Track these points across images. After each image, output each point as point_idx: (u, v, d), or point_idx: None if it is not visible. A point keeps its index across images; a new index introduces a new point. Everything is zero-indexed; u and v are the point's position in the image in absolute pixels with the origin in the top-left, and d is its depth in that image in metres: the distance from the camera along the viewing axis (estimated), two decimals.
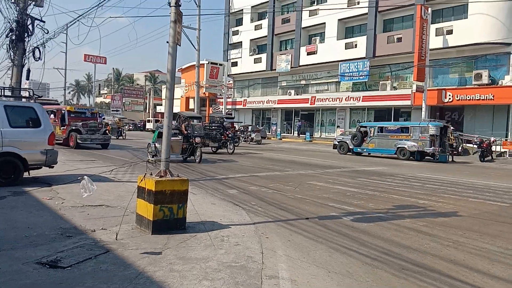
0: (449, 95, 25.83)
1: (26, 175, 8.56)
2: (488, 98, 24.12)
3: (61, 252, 4.29)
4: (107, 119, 36.21)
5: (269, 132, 39.54)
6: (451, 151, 20.62)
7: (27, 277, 3.64)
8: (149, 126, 49.37)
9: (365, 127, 22.29)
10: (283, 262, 4.39)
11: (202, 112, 43.45)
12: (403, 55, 28.48)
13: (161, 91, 66.10)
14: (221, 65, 40.48)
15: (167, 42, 5.56)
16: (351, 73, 31.46)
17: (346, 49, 32.63)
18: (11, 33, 12.19)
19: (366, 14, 30.97)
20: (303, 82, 37.55)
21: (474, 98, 24.81)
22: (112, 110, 58.78)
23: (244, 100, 42.35)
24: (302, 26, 36.43)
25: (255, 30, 41.52)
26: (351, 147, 22.29)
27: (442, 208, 7.82)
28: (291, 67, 36.65)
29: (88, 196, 5.49)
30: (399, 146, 20.09)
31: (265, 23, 40.52)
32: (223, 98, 41.90)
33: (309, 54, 35.58)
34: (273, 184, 10.27)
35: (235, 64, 43.51)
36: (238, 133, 28.74)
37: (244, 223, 6.00)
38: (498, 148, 23.17)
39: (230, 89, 43.89)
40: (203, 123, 18.64)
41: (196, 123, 15.58)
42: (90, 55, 54.76)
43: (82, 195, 5.41)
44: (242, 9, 41.91)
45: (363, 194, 9.21)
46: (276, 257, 4.54)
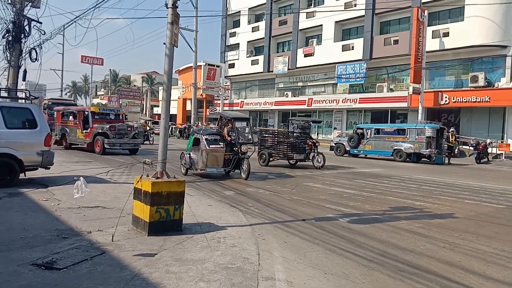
0: (446, 97, 25.91)
1: (22, 176, 8.52)
2: (484, 100, 24.21)
3: (57, 254, 4.27)
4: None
5: None
6: (448, 153, 20.69)
7: (23, 278, 3.62)
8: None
9: (362, 129, 22.37)
10: (280, 264, 4.39)
11: (199, 114, 43.42)
12: (399, 57, 28.54)
13: (158, 92, 65.99)
14: (218, 66, 40.47)
15: (164, 44, 5.56)
16: (348, 75, 31.49)
17: (343, 51, 32.68)
18: (7, 34, 12.18)
19: (363, 16, 31.04)
20: (300, 84, 37.56)
21: (470, 100, 24.89)
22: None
23: (241, 101, 42.34)
24: (299, 28, 36.46)
25: (252, 32, 41.54)
26: (347, 148, 22.34)
27: (438, 210, 7.85)
28: (288, 69, 36.65)
29: (79, 197, 5.48)
30: (395, 148, 20.16)
31: (262, 25, 40.54)
32: (220, 100, 41.88)
33: (306, 56, 35.61)
34: (269, 185, 10.28)
35: (232, 66, 43.50)
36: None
37: (240, 224, 6.00)
38: (494, 150, 23.29)
39: (227, 91, 43.87)
40: (280, 131, 15.53)
41: (242, 125, 12.77)
42: (87, 56, 54.46)
43: (74, 195, 5.40)
44: (240, 11, 41.90)
45: (359, 195, 9.23)
46: (272, 259, 4.54)
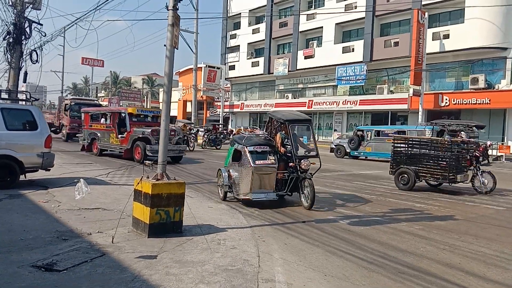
0: (446, 99, 25.91)
1: (22, 178, 8.53)
2: (484, 102, 24.22)
3: (57, 255, 4.27)
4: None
5: None
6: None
7: (23, 280, 3.62)
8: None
9: (362, 130, 22.32)
10: (280, 266, 4.39)
11: (199, 116, 43.38)
12: (400, 59, 28.56)
13: (158, 94, 66.04)
14: (218, 68, 40.49)
15: (165, 46, 5.57)
16: (348, 77, 31.51)
17: (343, 53, 32.70)
18: (8, 36, 12.23)
19: (363, 18, 31.09)
20: (300, 86, 37.59)
21: (470, 102, 24.91)
22: None
23: (242, 103, 42.36)
24: (300, 30, 36.50)
25: (252, 33, 41.59)
26: (348, 150, 22.29)
27: (438, 212, 7.85)
28: (288, 71, 36.68)
29: (80, 198, 5.48)
30: None
31: (262, 27, 40.60)
32: (220, 102, 41.91)
33: (306, 58, 35.64)
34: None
35: (232, 68, 43.54)
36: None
37: (240, 226, 5.99)
38: (495, 152, 23.27)
39: (227, 93, 43.90)
40: (439, 140, 10.71)
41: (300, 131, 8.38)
42: (87, 58, 54.57)
43: (75, 197, 5.40)
44: (240, 13, 41.95)
45: (360, 197, 9.22)
46: (272, 261, 4.54)
